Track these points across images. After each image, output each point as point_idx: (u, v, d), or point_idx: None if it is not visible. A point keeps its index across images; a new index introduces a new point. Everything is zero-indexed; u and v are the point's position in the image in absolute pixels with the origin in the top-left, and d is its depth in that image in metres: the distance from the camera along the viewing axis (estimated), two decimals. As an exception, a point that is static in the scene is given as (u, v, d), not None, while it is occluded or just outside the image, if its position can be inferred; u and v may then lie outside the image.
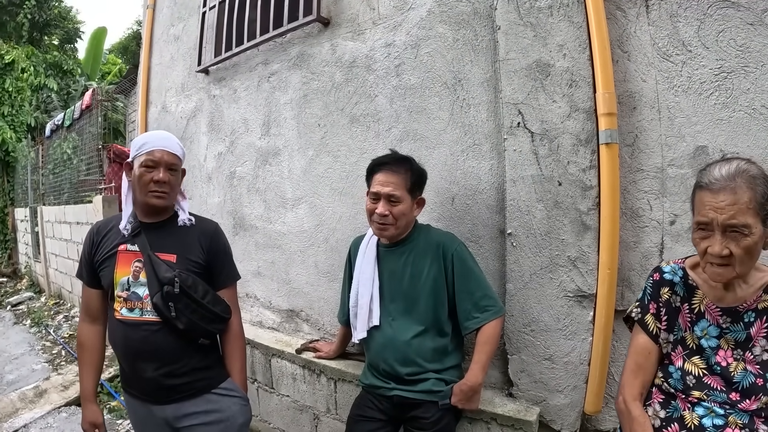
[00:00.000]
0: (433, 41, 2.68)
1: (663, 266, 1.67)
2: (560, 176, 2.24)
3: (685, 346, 1.57)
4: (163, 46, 4.81)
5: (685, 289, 1.60)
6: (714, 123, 1.99)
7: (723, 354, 1.51)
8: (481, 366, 2.17)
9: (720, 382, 1.49)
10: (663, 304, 1.62)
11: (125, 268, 2.03)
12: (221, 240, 2.23)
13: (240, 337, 2.23)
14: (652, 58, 2.13)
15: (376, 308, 2.33)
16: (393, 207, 2.20)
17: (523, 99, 2.32)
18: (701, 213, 1.43)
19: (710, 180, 1.42)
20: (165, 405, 2.03)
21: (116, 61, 17.59)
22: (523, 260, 2.34)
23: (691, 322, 1.57)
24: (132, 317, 2.00)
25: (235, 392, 2.14)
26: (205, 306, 2.02)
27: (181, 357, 2.02)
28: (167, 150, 2.03)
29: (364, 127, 3.00)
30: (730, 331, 1.51)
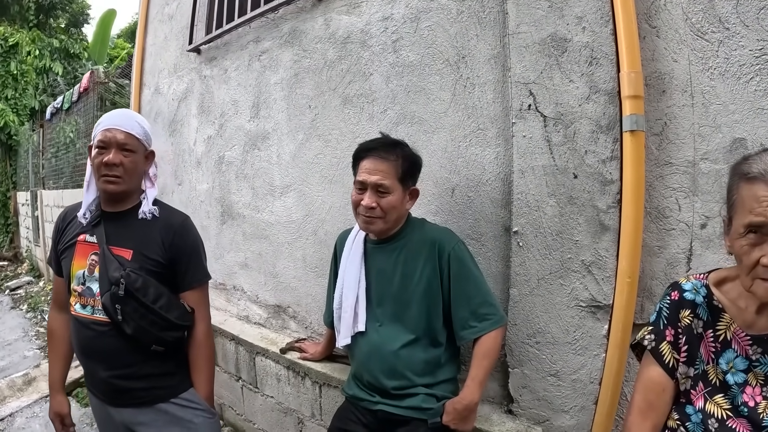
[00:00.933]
0: (435, 14, 2.29)
1: (682, 283, 1.30)
2: (576, 167, 1.86)
3: (707, 382, 1.22)
4: (158, 26, 4.48)
5: (709, 312, 1.25)
6: (754, 112, 1.60)
7: (750, 392, 1.18)
8: (478, 383, 1.82)
9: (746, 427, 1.15)
10: (683, 330, 1.26)
11: (82, 260, 1.80)
12: (188, 236, 1.92)
13: (205, 346, 1.92)
14: (684, 35, 1.73)
15: (362, 312, 1.97)
16: (381, 198, 1.83)
17: (535, 78, 1.93)
18: (755, 211, 1.06)
19: (766, 170, 1.06)
20: (121, 408, 1.83)
21: (125, 46, 17.06)
22: (530, 263, 1.97)
23: (715, 353, 1.23)
24: (84, 314, 1.78)
25: (198, 404, 1.88)
26: (155, 312, 1.74)
27: (133, 362, 1.78)
28: (119, 128, 1.75)
29: (358, 109, 2.62)
30: (761, 363, 1.17)
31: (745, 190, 1.10)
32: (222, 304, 3.66)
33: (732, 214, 1.15)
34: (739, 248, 1.11)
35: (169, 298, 1.80)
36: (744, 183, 1.11)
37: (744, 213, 1.09)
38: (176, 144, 4.10)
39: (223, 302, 3.65)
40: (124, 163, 1.75)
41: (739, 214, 1.11)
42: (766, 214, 1.04)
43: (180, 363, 1.89)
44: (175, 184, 4.11)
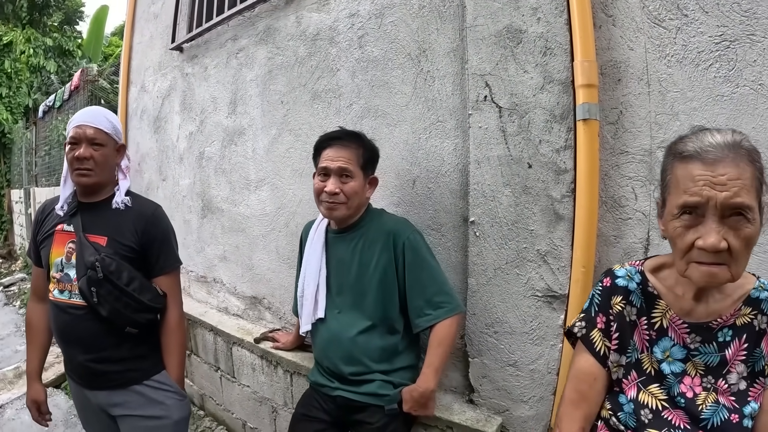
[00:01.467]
0: (398, 9, 2.23)
1: (616, 269, 1.23)
2: (530, 157, 1.80)
3: (641, 371, 1.15)
4: (144, 25, 4.40)
5: (644, 299, 1.17)
6: (713, 99, 1.55)
7: (689, 382, 1.11)
8: (433, 370, 1.78)
9: (684, 419, 1.07)
10: (614, 317, 1.17)
11: (60, 248, 1.82)
12: (159, 224, 1.93)
13: (177, 330, 1.94)
14: (641, 23, 1.67)
15: (322, 300, 1.95)
16: (344, 184, 1.82)
17: (491, 69, 1.88)
18: (690, 191, 0.99)
19: (702, 147, 0.99)
20: (97, 391, 1.85)
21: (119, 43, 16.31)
22: (487, 253, 1.91)
23: (650, 341, 1.15)
24: (62, 299, 1.80)
25: (170, 386, 1.89)
26: (129, 294, 1.75)
27: (108, 345, 1.80)
28: (89, 125, 1.80)
29: (326, 104, 2.56)
30: (700, 353, 1.10)
31: (680, 170, 1.03)
32: (203, 297, 3.60)
33: (666, 195, 1.08)
34: (673, 230, 1.04)
35: (142, 282, 1.82)
36: (678, 162, 1.04)
37: (678, 193, 1.02)
38: (160, 140, 4.03)
39: (204, 295, 3.59)
40: (95, 157, 1.78)
41: (674, 194, 1.04)
42: (702, 193, 0.97)
43: (153, 347, 1.91)
44: (160, 179, 4.05)
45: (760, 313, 1.09)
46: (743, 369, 1.08)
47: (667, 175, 1.07)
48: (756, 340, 1.08)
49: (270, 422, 2.78)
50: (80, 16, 15.39)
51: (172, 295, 1.92)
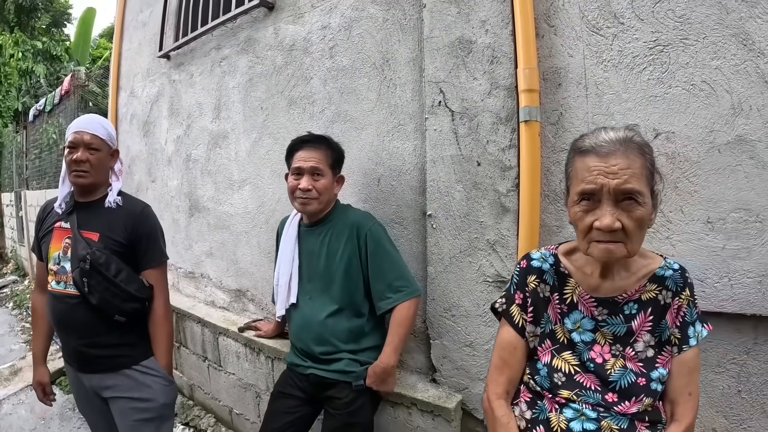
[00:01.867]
0: (365, 22, 2.41)
1: (532, 253, 1.38)
2: (479, 156, 1.98)
3: (555, 340, 1.29)
4: (133, 32, 4.55)
5: (556, 278, 1.32)
6: (647, 100, 1.68)
7: (599, 349, 1.24)
8: (393, 347, 1.96)
9: (594, 381, 1.22)
10: (529, 293, 1.33)
11: (57, 243, 1.98)
12: (147, 222, 2.08)
13: (164, 320, 2.09)
14: (581, 31, 1.83)
15: (295, 287, 2.13)
16: (316, 181, 2.01)
17: (445, 77, 2.06)
18: (587, 180, 1.13)
19: (597, 143, 1.14)
20: (90, 374, 2.00)
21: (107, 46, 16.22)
22: (443, 243, 2.09)
23: (562, 314, 1.29)
24: (58, 289, 1.96)
25: (157, 372, 2.03)
26: (117, 284, 1.90)
27: (99, 331, 1.95)
28: (86, 131, 1.97)
29: (301, 109, 2.74)
30: (608, 324, 1.24)
31: (579, 162, 1.17)
32: (191, 292, 3.76)
33: (569, 185, 1.22)
34: (575, 214, 1.17)
35: (129, 274, 1.96)
36: (578, 156, 1.18)
37: (577, 182, 1.16)
38: (150, 144, 4.18)
39: (192, 290, 3.75)
40: (91, 160, 1.95)
41: (574, 183, 1.18)
42: (596, 181, 1.11)
43: (141, 336, 2.05)
44: (149, 181, 4.20)
45: (665, 289, 1.23)
46: (650, 338, 1.22)
47: (569, 168, 1.22)
48: (661, 313, 1.22)
49: (254, 407, 2.94)
50: (68, 18, 15.29)
51: (158, 287, 2.06)
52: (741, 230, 1.53)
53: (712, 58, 1.56)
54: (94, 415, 2.13)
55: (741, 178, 1.52)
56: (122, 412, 1.99)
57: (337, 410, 1.95)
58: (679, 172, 1.62)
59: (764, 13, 1.48)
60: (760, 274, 1.51)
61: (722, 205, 1.56)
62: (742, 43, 1.51)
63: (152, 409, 2.00)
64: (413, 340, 2.28)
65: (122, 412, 1.99)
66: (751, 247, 1.52)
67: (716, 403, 1.63)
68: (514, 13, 1.88)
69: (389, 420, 2.20)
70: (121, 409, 1.99)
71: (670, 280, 1.24)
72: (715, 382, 1.62)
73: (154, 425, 2.01)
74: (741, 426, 1.60)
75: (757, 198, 1.50)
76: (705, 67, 1.58)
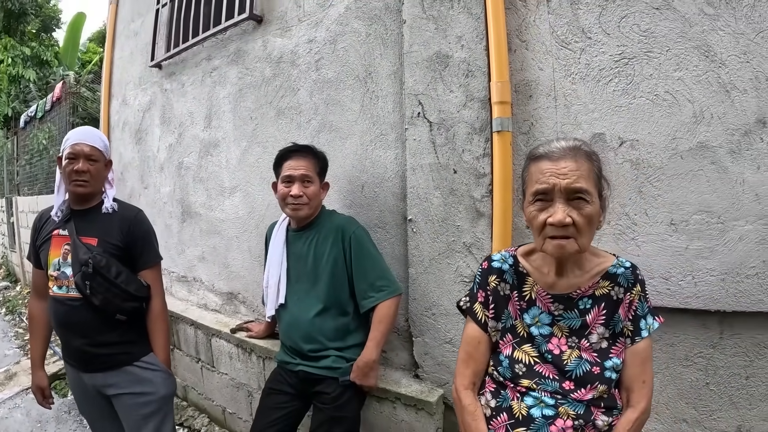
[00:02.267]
0: (349, 36, 2.54)
1: (493, 255, 1.50)
2: (455, 164, 2.11)
3: (516, 334, 1.40)
4: (124, 41, 4.63)
5: (515, 277, 1.43)
6: (612, 110, 1.79)
7: (556, 342, 1.34)
8: (375, 343, 2.08)
9: (552, 371, 1.32)
10: (491, 292, 1.44)
11: (57, 250, 2.07)
12: (141, 225, 2.20)
13: (161, 317, 2.20)
14: (550, 46, 1.94)
15: (283, 288, 2.24)
16: (306, 188, 2.14)
17: (423, 90, 2.19)
18: (540, 180, 1.25)
19: (550, 150, 1.27)
20: (93, 373, 2.08)
21: (96, 50, 16.16)
22: (423, 246, 2.21)
23: (521, 310, 1.40)
24: (60, 294, 2.05)
25: (157, 366, 2.14)
26: (117, 285, 2.01)
27: (101, 330, 2.04)
28: (86, 143, 2.06)
29: (288, 119, 2.86)
30: (564, 318, 1.35)
31: (533, 167, 1.29)
32: (184, 295, 3.85)
33: (524, 189, 1.35)
34: (530, 214, 1.29)
35: (128, 275, 2.08)
36: (532, 162, 1.30)
37: (532, 184, 1.27)
38: (142, 151, 4.27)
39: (185, 293, 3.85)
40: (90, 170, 2.05)
41: (529, 186, 1.30)
42: (549, 181, 1.22)
43: (140, 334, 2.16)
44: (142, 187, 4.28)
45: (617, 285, 1.33)
46: (604, 331, 1.32)
47: (525, 174, 1.35)
48: (614, 308, 1.33)
49: (246, 406, 3.03)
50: (57, 23, 15.20)
51: (154, 286, 2.18)
52: (703, 231, 1.63)
53: (675, 69, 1.67)
54: (96, 415, 2.22)
55: (703, 182, 1.63)
56: (127, 408, 2.09)
57: (325, 405, 2.05)
58: (644, 177, 1.73)
59: (726, 26, 1.59)
60: (722, 272, 1.61)
61: (685, 207, 1.66)
62: (704, 54, 1.62)
63: (155, 401, 2.10)
64: (397, 338, 2.39)
65: (127, 408, 2.09)
66: (713, 247, 1.62)
67: (685, 395, 1.73)
68: (488, 29, 2.00)
69: (375, 414, 2.30)
70: (126, 405, 2.09)
71: (621, 277, 1.34)
72: (684, 375, 1.72)
73: (159, 418, 2.13)
74: (711, 417, 1.70)
75: (718, 201, 1.61)
76: (668, 78, 1.68)
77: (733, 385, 1.66)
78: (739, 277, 1.59)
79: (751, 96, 1.57)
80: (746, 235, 1.58)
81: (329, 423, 2.03)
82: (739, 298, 1.60)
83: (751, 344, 1.63)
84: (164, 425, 2.16)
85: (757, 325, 1.61)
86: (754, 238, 1.57)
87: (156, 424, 2.12)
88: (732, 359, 1.66)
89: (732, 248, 1.60)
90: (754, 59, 1.56)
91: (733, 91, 1.59)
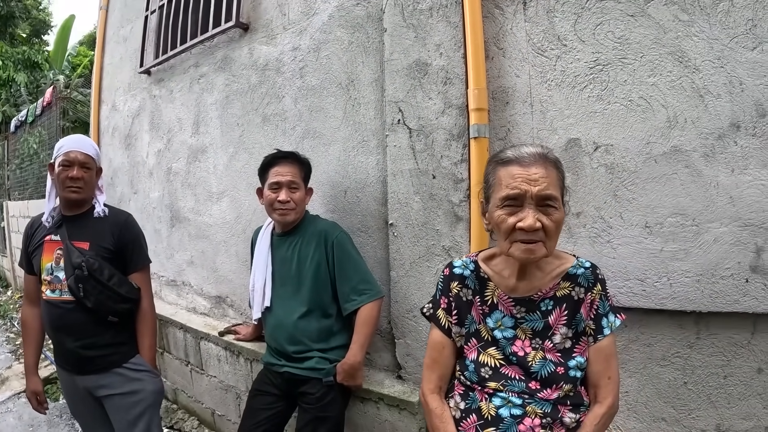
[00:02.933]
0: (332, 44, 2.58)
1: (454, 261, 1.51)
2: (434, 170, 2.15)
3: (480, 338, 1.42)
4: (114, 47, 4.66)
5: (477, 282, 1.44)
6: (587, 115, 1.82)
7: (520, 344, 1.36)
8: (359, 345, 2.13)
9: (518, 372, 1.35)
10: (453, 298, 1.46)
11: (49, 255, 2.11)
12: (131, 229, 2.26)
13: (150, 318, 2.26)
14: (527, 53, 1.98)
15: (269, 291, 2.29)
16: (293, 193, 2.19)
17: (403, 97, 2.23)
18: (510, 186, 1.24)
19: (520, 155, 1.27)
20: (85, 375, 2.12)
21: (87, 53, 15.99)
22: (404, 249, 2.26)
23: (484, 315, 1.42)
24: (54, 297, 2.09)
25: (144, 367, 2.19)
26: (110, 287, 2.07)
27: (94, 332, 2.09)
28: (80, 150, 2.12)
29: (274, 126, 2.90)
30: (526, 320, 1.37)
31: (502, 171, 1.27)
32: (173, 299, 3.88)
33: (489, 194, 1.32)
34: (498, 218, 1.27)
35: (120, 277, 2.14)
36: (500, 166, 1.29)
37: (501, 188, 1.26)
38: (131, 156, 4.29)
39: (174, 297, 3.87)
40: (84, 177, 2.11)
41: (497, 191, 1.28)
42: (521, 187, 1.22)
43: (130, 334, 2.22)
44: (131, 192, 4.31)
45: (577, 286, 1.36)
46: (566, 331, 1.35)
47: (490, 178, 1.33)
48: (575, 308, 1.35)
49: (235, 408, 3.06)
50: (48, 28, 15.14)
51: (144, 287, 2.24)
52: (678, 233, 1.67)
53: (649, 75, 1.70)
54: (88, 416, 2.26)
55: (677, 186, 1.66)
56: (118, 409, 2.14)
57: (310, 405, 2.10)
58: (618, 181, 1.77)
59: (700, 32, 1.63)
60: (698, 273, 1.65)
61: (659, 210, 1.70)
62: (679, 60, 1.66)
63: (144, 400, 2.16)
64: (380, 340, 2.43)
65: (118, 409, 2.14)
66: (688, 249, 1.66)
67: (664, 394, 1.76)
68: (466, 37, 2.04)
69: (359, 414, 2.34)
70: (117, 406, 2.14)
71: (582, 277, 1.36)
72: (662, 374, 1.76)
73: (148, 417, 2.18)
74: (690, 416, 1.73)
75: (692, 203, 1.64)
76: (642, 84, 1.71)
77: (711, 384, 1.69)
78: (714, 278, 1.63)
79: (725, 100, 1.60)
80: (721, 237, 1.61)
81: (314, 423, 2.07)
82: (714, 299, 1.63)
83: (728, 344, 1.66)
84: (153, 425, 2.20)
85: (733, 325, 1.65)
86: (728, 239, 1.60)
87: (146, 424, 2.16)
88: (709, 359, 1.69)
89: (707, 250, 1.63)
90: (728, 64, 1.59)
91: (707, 96, 1.62)
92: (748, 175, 1.57)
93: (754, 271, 1.58)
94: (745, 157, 1.57)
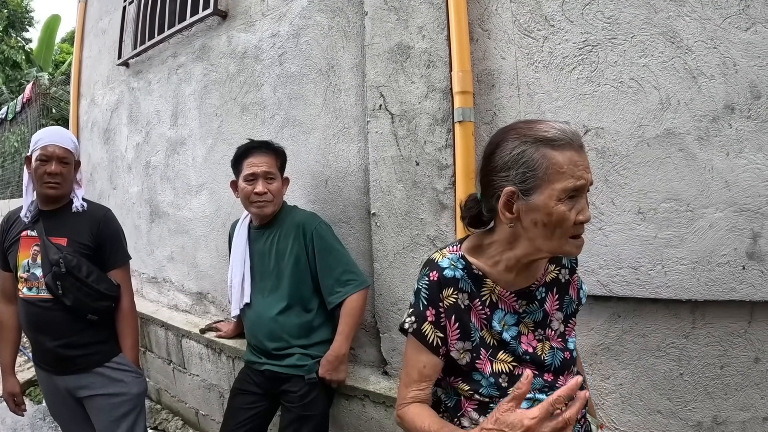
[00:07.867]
0: (312, 30, 2.47)
1: (439, 261, 1.19)
2: (418, 156, 2.06)
3: (487, 345, 1.18)
4: (93, 40, 4.53)
5: (472, 282, 1.17)
6: (576, 98, 1.72)
7: (526, 339, 1.20)
8: (344, 337, 2.05)
9: (533, 369, 1.18)
10: (446, 309, 1.16)
11: (26, 251, 2.05)
12: (110, 225, 2.19)
13: (130, 316, 2.19)
14: (513, 35, 1.88)
15: (248, 287, 2.19)
16: (270, 184, 2.09)
17: (385, 81, 2.13)
18: (575, 175, 1.02)
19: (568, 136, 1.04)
20: (65, 376, 2.06)
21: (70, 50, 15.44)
22: (387, 240, 2.16)
23: (487, 318, 1.18)
24: (30, 295, 2.03)
25: (127, 366, 2.13)
26: (89, 285, 2.00)
27: (73, 331, 2.03)
28: (58, 145, 2.03)
29: (253, 115, 2.80)
30: (528, 313, 1.21)
31: (558, 156, 1.02)
32: (155, 297, 3.76)
33: (538, 183, 1.05)
34: (561, 214, 1.04)
35: (99, 274, 2.06)
36: (553, 150, 1.03)
37: (563, 178, 1.02)
38: (110, 151, 4.17)
39: (155, 294, 3.76)
40: (63, 172, 2.03)
41: (556, 180, 1.03)
42: (585, 176, 1.02)
43: (111, 333, 2.15)
44: (111, 188, 4.19)
45: (563, 268, 1.28)
46: (560, 315, 1.26)
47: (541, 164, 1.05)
48: (564, 290, 1.27)
49: (219, 407, 2.97)
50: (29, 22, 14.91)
51: (124, 285, 2.16)
52: (672, 219, 1.59)
53: (640, 56, 1.62)
54: (68, 417, 2.18)
55: (671, 170, 1.59)
56: (100, 410, 2.07)
57: (292, 403, 2.02)
58: (610, 166, 1.69)
59: (692, 11, 1.55)
60: (693, 261, 1.57)
61: (653, 196, 1.62)
62: (670, 40, 1.58)
63: (127, 401, 2.09)
64: (364, 335, 2.34)
65: (100, 410, 2.07)
66: (683, 236, 1.58)
67: (659, 386, 1.69)
68: (449, 18, 1.95)
69: (345, 412, 2.26)
70: (99, 407, 2.07)
71: (565, 257, 1.28)
72: (657, 366, 1.68)
73: (132, 418, 2.11)
74: (686, 408, 1.66)
75: (687, 188, 1.56)
76: (633, 65, 1.63)
77: (708, 375, 1.62)
78: (710, 266, 1.55)
79: (719, 82, 1.52)
80: (716, 223, 1.54)
81: (298, 422, 1.99)
82: (710, 287, 1.56)
83: (724, 333, 1.59)
84: (137, 426, 2.13)
85: (729, 313, 1.58)
86: (724, 225, 1.53)
87: (129, 425, 2.09)
88: (705, 349, 1.62)
89: (702, 236, 1.56)
90: (721, 45, 1.52)
91: (700, 78, 1.55)
92: (744, 159, 1.50)
93: (750, 257, 1.50)
94: (740, 140, 1.50)
